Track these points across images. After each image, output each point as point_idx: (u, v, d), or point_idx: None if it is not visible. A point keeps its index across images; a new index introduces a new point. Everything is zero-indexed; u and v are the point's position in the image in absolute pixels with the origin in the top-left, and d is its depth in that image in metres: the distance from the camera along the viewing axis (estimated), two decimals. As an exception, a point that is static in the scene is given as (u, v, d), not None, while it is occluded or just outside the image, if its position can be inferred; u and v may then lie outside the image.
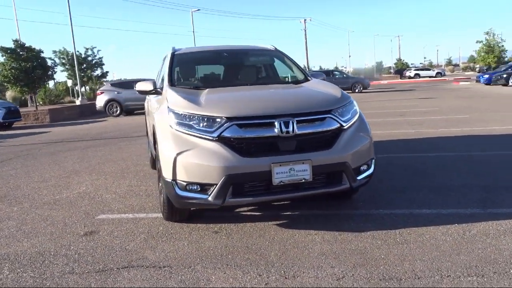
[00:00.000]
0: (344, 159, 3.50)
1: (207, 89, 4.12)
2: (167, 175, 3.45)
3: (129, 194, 5.05)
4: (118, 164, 7.13)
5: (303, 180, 3.38)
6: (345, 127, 3.61)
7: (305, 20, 61.12)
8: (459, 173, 5.11)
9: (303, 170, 3.37)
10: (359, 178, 3.64)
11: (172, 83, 4.44)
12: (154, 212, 4.27)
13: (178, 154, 3.36)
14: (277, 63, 5.33)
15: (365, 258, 2.99)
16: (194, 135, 3.41)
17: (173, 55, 4.89)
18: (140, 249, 3.35)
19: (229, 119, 3.36)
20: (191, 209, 3.91)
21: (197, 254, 3.21)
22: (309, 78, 4.81)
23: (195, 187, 3.37)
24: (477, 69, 54.83)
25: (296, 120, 3.41)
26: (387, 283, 2.61)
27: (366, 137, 3.76)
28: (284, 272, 2.84)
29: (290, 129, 3.37)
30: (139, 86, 4.54)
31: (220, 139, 3.33)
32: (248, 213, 4.10)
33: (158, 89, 4.48)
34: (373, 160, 3.83)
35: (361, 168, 3.69)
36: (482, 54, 41.13)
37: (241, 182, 3.32)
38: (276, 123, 3.37)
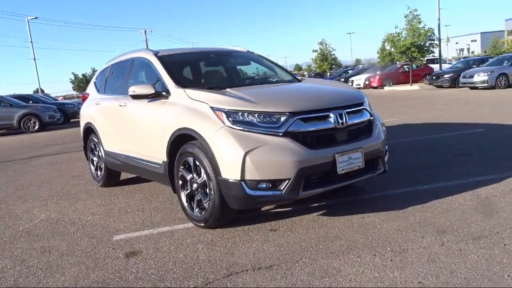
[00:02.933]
0: (380, 145, 3.86)
1: (229, 88, 4.01)
2: (232, 175, 3.30)
3: (116, 213, 4.52)
4: (52, 186, 6.19)
5: (358, 167, 3.61)
6: (373, 118, 3.97)
7: (145, 31, 60.24)
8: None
9: (358, 158, 3.61)
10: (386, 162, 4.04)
11: (181, 84, 4.17)
12: (177, 224, 3.96)
13: (247, 152, 3.25)
14: (254, 64, 5.41)
15: (437, 226, 3.36)
16: (257, 132, 3.34)
17: (160, 58, 4.56)
18: (218, 257, 3.13)
19: (292, 114, 3.39)
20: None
21: (288, 249, 3.16)
22: (298, 78, 5.05)
23: (265, 185, 3.31)
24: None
25: (346, 112, 3.64)
26: (487, 240, 3.02)
27: (383, 126, 4.18)
28: (391, 249, 3.02)
29: (344, 120, 3.58)
30: (137, 90, 4.17)
31: (287, 134, 3.34)
32: (277, 210, 4.10)
33: (163, 92, 4.15)
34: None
35: (386, 153, 4.11)
36: (318, 62, 46.70)
37: (311, 174, 3.39)
38: (332, 115, 3.53)
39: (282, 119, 3.37)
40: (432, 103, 14.28)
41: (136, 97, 4.25)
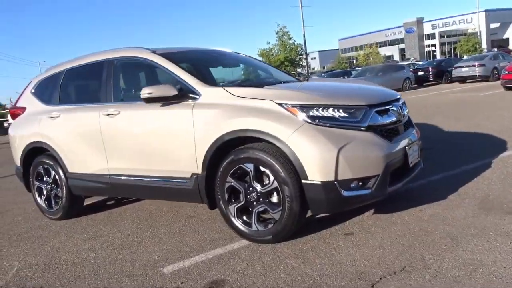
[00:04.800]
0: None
1: (268, 86, 3.65)
2: (323, 177, 2.97)
3: (134, 244, 3.74)
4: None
5: (416, 160, 3.60)
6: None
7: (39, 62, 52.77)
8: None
9: (416, 150, 3.60)
10: None
11: (210, 82, 3.65)
12: (228, 243, 3.41)
13: (340, 149, 2.96)
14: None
15: (494, 204, 3.52)
16: (342, 127, 3.08)
17: (166, 56, 3.91)
18: (330, 269, 2.77)
19: (369, 107, 3.22)
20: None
21: (395, 250, 2.94)
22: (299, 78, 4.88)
23: (355, 184, 3.06)
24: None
25: (401, 104, 3.61)
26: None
27: None
28: (494, 233, 3.04)
29: (405, 112, 3.55)
30: (156, 92, 3.51)
31: (369, 128, 3.16)
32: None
33: (189, 94, 3.57)
34: None
35: None
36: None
37: (393, 168, 3.25)
38: (394, 108, 3.46)
39: (362, 112, 3.16)
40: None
41: (150, 100, 3.56)
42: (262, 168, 3.18)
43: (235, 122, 3.22)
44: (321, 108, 3.07)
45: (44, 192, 4.84)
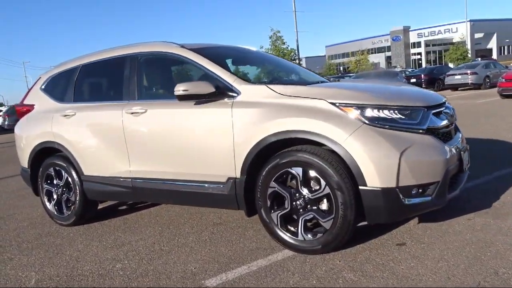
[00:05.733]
0: None
1: (311, 85, 3.42)
2: (384, 183, 2.74)
3: (163, 254, 3.45)
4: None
5: (468, 166, 3.41)
6: None
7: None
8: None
9: (467, 155, 3.41)
10: None
11: (248, 80, 3.41)
12: (270, 254, 3.15)
13: (402, 153, 2.74)
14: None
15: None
16: (401, 130, 2.86)
17: (197, 51, 3.65)
18: (385, 286, 2.54)
19: (427, 108, 3.01)
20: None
21: (463, 264, 2.73)
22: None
23: (416, 191, 2.84)
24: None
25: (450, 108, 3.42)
26: None
27: None
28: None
29: (455, 116, 3.35)
30: (192, 89, 3.24)
31: (428, 131, 2.94)
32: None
33: (227, 91, 3.32)
34: None
35: None
36: None
37: (451, 174, 3.04)
38: (447, 111, 3.27)
39: (420, 114, 2.94)
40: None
41: (184, 98, 3.29)
42: (311, 173, 2.93)
43: (283, 123, 2.97)
44: (379, 109, 2.85)
45: (54, 196, 4.51)
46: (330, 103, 2.89)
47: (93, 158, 4.06)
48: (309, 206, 2.99)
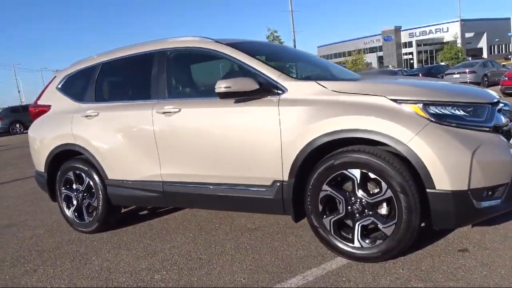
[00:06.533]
0: None
1: (361, 81, 3.22)
2: (455, 185, 2.54)
3: (203, 260, 3.21)
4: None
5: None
6: None
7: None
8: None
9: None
10: None
11: (291, 76, 3.19)
12: (323, 263, 2.95)
13: (473, 153, 2.54)
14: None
15: None
16: (468, 128, 2.66)
17: (234, 46, 3.44)
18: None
19: (492, 105, 2.82)
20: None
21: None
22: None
23: (485, 193, 2.64)
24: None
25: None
26: None
27: None
28: None
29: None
30: (235, 86, 3.02)
31: (494, 129, 2.75)
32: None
33: (273, 88, 3.10)
34: None
35: None
36: None
37: None
38: (506, 108, 3.09)
39: (486, 111, 2.75)
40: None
41: (226, 95, 3.07)
42: (370, 175, 2.72)
43: (339, 122, 2.76)
44: (444, 106, 2.65)
45: (74, 201, 4.25)
46: (391, 99, 2.69)
47: (119, 161, 3.81)
48: (366, 210, 2.79)
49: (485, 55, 63.83)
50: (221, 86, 3.02)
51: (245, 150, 3.13)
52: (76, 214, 4.22)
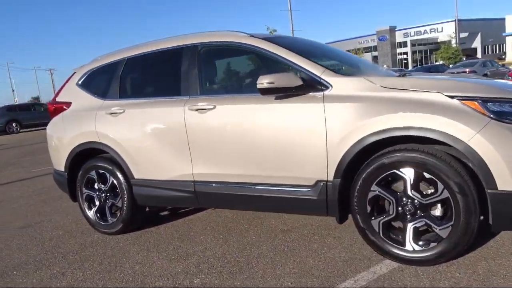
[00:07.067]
0: None
1: (410, 77, 3.12)
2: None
3: (242, 264, 3.08)
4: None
5: None
6: None
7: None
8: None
9: None
10: None
11: (336, 72, 3.07)
12: (371, 266, 2.83)
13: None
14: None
15: None
16: (526, 125, 2.55)
17: (272, 40, 3.31)
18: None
19: None
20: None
21: None
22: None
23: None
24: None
25: None
26: None
27: None
28: None
29: None
30: (278, 81, 2.89)
31: None
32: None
33: (317, 85, 2.97)
34: None
35: None
36: None
37: None
38: None
39: None
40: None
41: (269, 92, 2.95)
42: (425, 175, 2.61)
43: (392, 119, 2.64)
44: (503, 103, 2.54)
45: (96, 202, 4.10)
46: (448, 96, 2.57)
47: (147, 160, 3.67)
48: (419, 212, 2.67)
49: (479, 55, 64.19)
50: (264, 81, 2.89)
51: (287, 148, 3.01)
52: (98, 215, 4.07)
